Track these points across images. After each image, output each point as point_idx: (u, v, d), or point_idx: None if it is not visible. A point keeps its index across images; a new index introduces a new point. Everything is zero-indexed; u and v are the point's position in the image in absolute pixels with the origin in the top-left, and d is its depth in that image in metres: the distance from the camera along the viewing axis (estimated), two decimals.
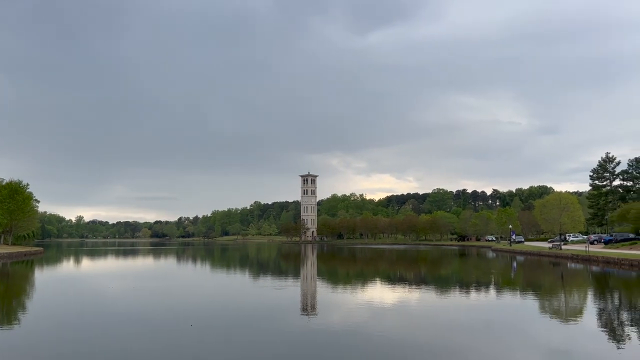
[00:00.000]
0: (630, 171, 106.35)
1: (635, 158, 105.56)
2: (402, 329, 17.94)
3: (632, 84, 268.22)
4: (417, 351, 14.64)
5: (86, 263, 64.65)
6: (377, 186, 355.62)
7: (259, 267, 57.15)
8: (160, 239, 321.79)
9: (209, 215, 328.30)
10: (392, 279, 39.96)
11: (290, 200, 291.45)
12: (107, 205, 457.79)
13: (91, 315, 21.11)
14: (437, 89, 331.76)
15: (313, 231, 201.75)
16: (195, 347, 14.77)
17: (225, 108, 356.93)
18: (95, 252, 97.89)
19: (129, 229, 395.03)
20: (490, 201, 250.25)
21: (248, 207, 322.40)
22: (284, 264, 64.20)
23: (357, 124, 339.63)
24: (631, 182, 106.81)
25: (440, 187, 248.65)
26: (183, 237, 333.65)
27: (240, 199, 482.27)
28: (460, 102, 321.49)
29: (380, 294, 29.27)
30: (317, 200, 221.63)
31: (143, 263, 65.68)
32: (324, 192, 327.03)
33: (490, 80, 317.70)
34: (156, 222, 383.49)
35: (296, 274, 47.23)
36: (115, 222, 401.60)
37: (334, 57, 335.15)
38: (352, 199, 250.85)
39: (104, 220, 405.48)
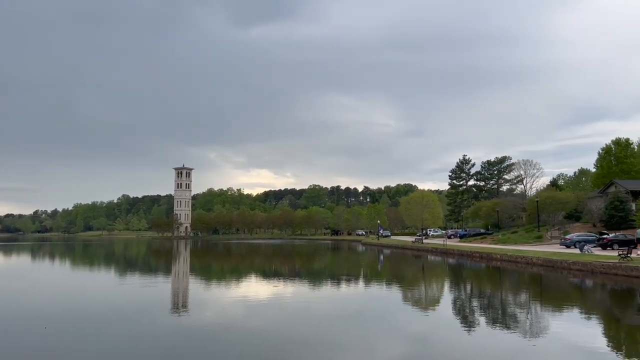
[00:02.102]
0: (482, 172, 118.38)
1: (487, 160, 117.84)
2: (277, 322, 18.07)
3: (487, 92, 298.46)
4: (292, 343, 14.84)
5: None
6: (255, 181, 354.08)
7: (126, 264, 53.98)
8: (12, 234, 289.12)
9: (70, 208, 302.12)
10: (268, 274, 40.14)
11: (163, 194, 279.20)
12: None
13: None
14: (316, 88, 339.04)
15: (187, 226, 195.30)
16: (48, 352, 13.50)
17: (93, 94, 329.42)
18: None
19: None
20: (361, 198, 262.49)
21: (115, 201, 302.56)
22: (154, 260, 61.40)
23: (237, 118, 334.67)
24: (483, 182, 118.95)
25: (316, 184, 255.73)
26: (39, 232, 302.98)
27: (106, 192, 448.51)
28: (338, 102, 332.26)
29: (255, 289, 29.24)
30: (192, 195, 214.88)
31: None
32: (200, 186, 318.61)
33: (365, 82, 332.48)
34: (7, 216, 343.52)
35: (167, 271, 45.42)
36: None
37: (215, 49, 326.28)
38: (229, 193, 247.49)
39: None
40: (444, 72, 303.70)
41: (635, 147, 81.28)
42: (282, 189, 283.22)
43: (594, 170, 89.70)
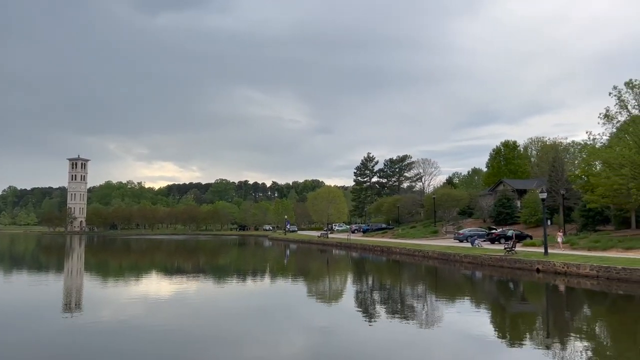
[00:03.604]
0: (385, 170, 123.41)
1: (390, 159, 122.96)
2: (179, 320, 17.57)
3: (392, 94, 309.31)
4: (195, 341, 14.49)
5: None
6: (158, 174, 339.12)
7: (11, 261, 49.60)
8: None
9: None
10: (170, 271, 38.90)
11: (55, 186, 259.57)
12: None
13: None
14: (225, 81, 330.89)
15: (82, 221, 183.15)
16: None
17: None
18: None
19: None
20: (269, 193, 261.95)
21: (0, 193, 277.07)
22: (44, 257, 57.03)
23: (141, 108, 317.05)
24: (386, 180, 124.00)
25: (223, 178, 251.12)
26: None
27: None
28: (247, 96, 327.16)
29: (156, 286, 28.21)
30: (88, 187, 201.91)
31: None
32: (97, 178, 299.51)
33: (275, 78, 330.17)
34: None
35: (59, 268, 42.41)
36: None
37: (117, 34, 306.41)
38: (129, 186, 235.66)
39: None
40: (352, 71, 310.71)
41: (522, 149, 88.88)
42: (187, 182, 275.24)
43: (485, 169, 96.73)
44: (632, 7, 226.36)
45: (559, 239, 37.52)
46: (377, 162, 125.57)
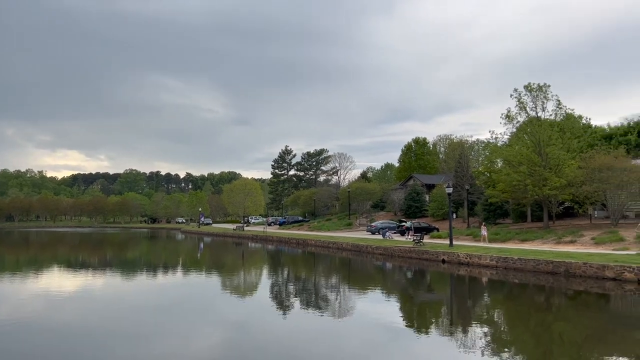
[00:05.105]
0: (302, 163, 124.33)
1: (307, 152, 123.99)
2: (85, 317, 16.66)
3: (312, 88, 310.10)
4: (102, 338, 13.81)
5: None
6: (62, 163, 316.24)
7: None
8: None
9: None
10: (74, 265, 36.71)
11: None
12: None
13: None
14: (139, 67, 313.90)
15: None
16: None
17: None
18: None
19: None
20: (183, 184, 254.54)
21: None
22: None
23: (44, 92, 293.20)
24: (303, 173, 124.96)
25: (133, 168, 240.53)
26: None
27: None
28: (162, 83, 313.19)
29: (59, 281, 26.51)
30: None
31: None
32: None
33: (193, 66, 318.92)
34: None
35: None
36: None
37: (21, 11, 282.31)
38: (28, 175, 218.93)
39: None
40: (273, 64, 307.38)
41: (431, 146, 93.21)
42: (94, 172, 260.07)
43: (397, 164, 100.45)
44: (534, 15, 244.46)
45: (484, 232, 39.02)
46: (294, 156, 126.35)
